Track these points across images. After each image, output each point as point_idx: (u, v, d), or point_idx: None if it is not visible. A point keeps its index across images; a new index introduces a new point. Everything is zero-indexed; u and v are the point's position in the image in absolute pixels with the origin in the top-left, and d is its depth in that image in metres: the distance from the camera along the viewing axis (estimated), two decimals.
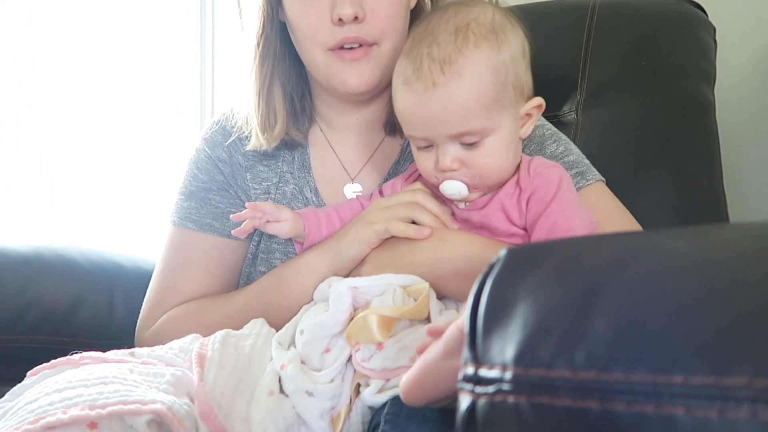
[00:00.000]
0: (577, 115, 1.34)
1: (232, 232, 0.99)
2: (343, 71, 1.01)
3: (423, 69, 0.82)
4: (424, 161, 0.89)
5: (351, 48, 1.01)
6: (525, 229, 0.89)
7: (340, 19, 0.98)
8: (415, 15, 1.08)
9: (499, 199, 0.89)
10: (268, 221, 0.96)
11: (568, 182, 0.89)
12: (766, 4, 1.53)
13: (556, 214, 0.84)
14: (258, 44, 1.07)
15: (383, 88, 1.07)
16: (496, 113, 0.85)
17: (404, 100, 0.86)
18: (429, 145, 0.88)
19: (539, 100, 0.90)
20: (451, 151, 0.86)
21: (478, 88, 0.83)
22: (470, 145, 0.85)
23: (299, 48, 1.05)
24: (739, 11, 1.54)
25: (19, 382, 0.82)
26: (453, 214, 0.94)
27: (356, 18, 0.98)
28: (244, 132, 1.12)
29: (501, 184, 0.90)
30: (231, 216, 1.01)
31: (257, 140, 1.09)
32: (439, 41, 0.83)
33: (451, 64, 0.82)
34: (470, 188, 0.88)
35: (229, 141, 1.13)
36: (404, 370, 0.76)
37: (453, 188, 0.88)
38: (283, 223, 0.97)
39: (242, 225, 0.96)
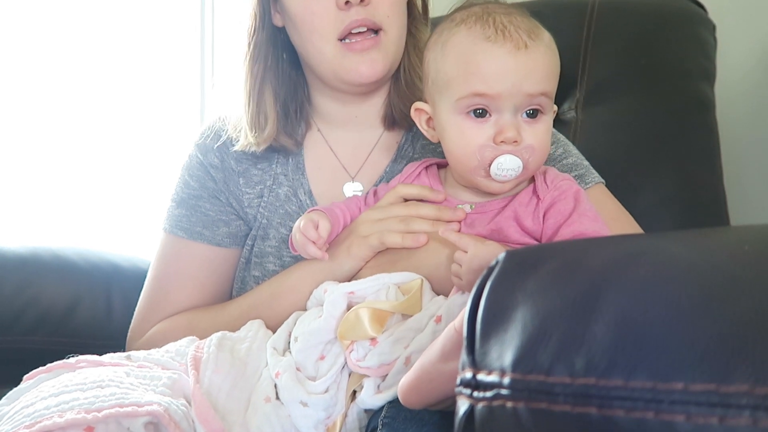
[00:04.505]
0: (576, 113, 1.33)
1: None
2: (354, 62, 1.01)
3: (509, 32, 0.85)
4: (475, 134, 0.86)
5: (360, 34, 1.01)
6: (537, 240, 0.87)
7: (347, 2, 0.98)
8: (408, 10, 1.08)
9: (512, 208, 0.88)
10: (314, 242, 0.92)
11: (584, 194, 0.89)
12: (766, 2, 1.52)
13: (577, 223, 0.84)
14: (249, 44, 1.07)
15: (385, 81, 1.08)
16: (554, 90, 0.88)
17: (488, 54, 0.85)
18: (484, 114, 0.85)
19: (555, 107, 0.91)
20: (514, 122, 0.85)
21: (556, 59, 0.88)
22: (531, 118, 0.86)
23: (304, 44, 1.04)
24: (739, 9, 1.54)
25: (17, 383, 0.82)
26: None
27: (362, 0, 0.99)
28: (234, 135, 1.10)
29: (516, 192, 0.89)
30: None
31: (246, 140, 1.08)
32: (516, 16, 0.86)
33: (536, 34, 0.86)
34: (524, 166, 0.85)
35: (218, 143, 1.12)
36: (401, 360, 0.75)
37: (512, 163, 0.85)
38: (322, 234, 0.91)
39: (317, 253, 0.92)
